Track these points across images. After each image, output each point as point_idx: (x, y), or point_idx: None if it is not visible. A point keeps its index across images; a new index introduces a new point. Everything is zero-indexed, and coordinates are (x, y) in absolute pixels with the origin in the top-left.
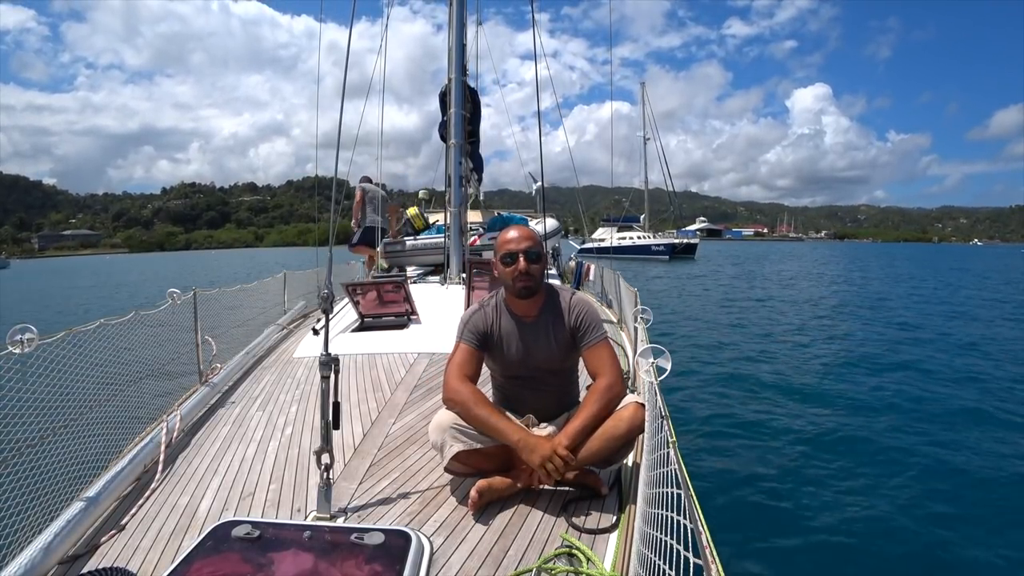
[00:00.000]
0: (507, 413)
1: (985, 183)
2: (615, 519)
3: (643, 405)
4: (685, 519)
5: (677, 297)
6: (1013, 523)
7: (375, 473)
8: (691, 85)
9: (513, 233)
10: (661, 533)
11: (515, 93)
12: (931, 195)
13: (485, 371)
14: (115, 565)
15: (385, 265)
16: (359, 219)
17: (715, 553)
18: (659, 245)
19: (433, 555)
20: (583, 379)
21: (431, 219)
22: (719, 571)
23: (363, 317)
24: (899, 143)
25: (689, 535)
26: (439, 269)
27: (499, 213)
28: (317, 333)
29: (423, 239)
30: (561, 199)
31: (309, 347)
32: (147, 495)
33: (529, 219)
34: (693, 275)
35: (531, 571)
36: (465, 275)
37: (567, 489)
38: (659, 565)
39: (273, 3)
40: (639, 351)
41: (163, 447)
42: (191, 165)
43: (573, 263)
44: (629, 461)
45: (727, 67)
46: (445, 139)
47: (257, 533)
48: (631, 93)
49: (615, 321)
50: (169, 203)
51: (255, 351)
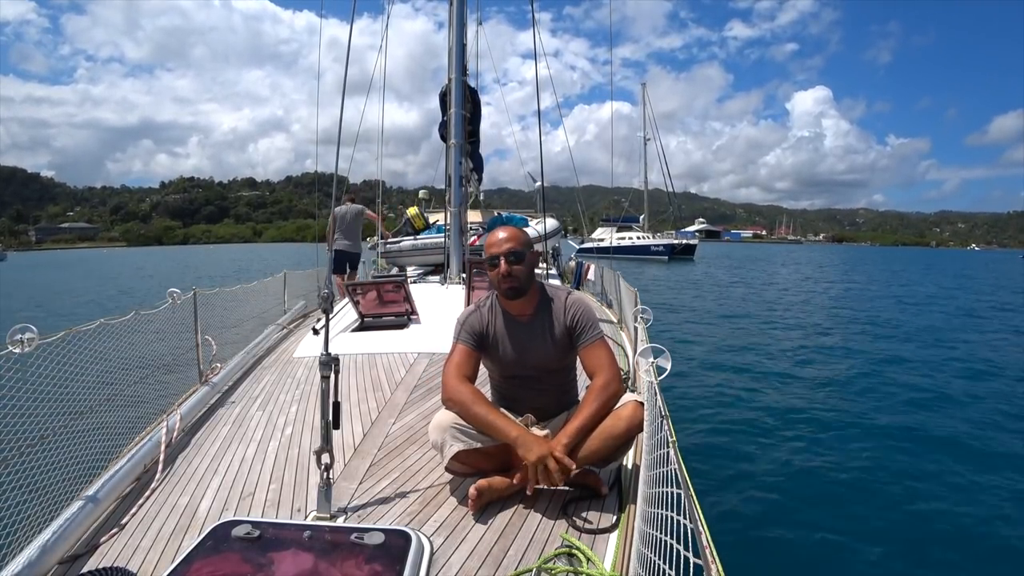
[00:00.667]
0: (506, 413)
1: (983, 188)
2: (615, 519)
3: (642, 404)
4: (685, 519)
5: (677, 297)
6: (1014, 520)
7: (375, 473)
8: (692, 86)
9: (497, 235)
10: (661, 533)
11: (516, 92)
12: (929, 200)
13: (483, 371)
14: (115, 565)
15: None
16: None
17: (715, 553)
18: (658, 246)
19: (433, 555)
20: (582, 377)
21: (431, 219)
22: (719, 571)
23: (363, 317)
24: (898, 147)
25: (689, 535)
26: (439, 269)
27: (499, 213)
28: (317, 333)
29: (423, 239)
30: (560, 199)
31: (309, 347)
32: (147, 495)
33: (529, 219)
34: (693, 276)
35: (531, 571)
36: (465, 275)
37: (567, 489)
38: (659, 565)
39: None
40: (639, 350)
41: (163, 447)
42: (190, 160)
43: (573, 263)
44: (629, 461)
45: (728, 69)
46: (445, 139)
47: (257, 533)
48: (632, 93)
49: (615, 321)
50: (167, 197)
51: (255, 351)
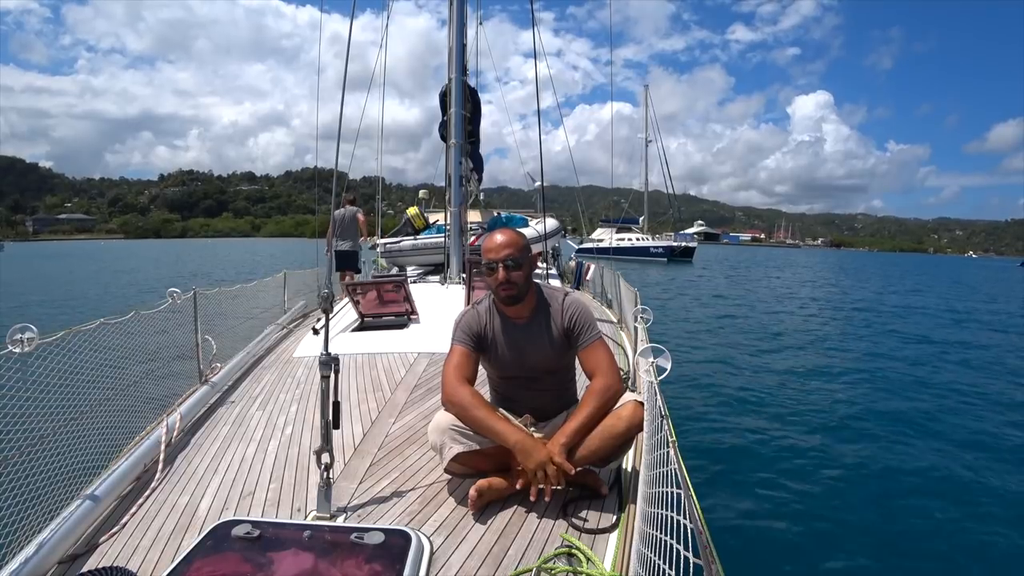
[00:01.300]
0: (505, 413)
1: (982, 196)
2: (615, 519)
3: (642, 404)
4: (685, 519)
5: (676, 299)
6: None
7: (375, 473)
8: (693, 88)
9: (494, 239)
10: (661, 533)
11: (516, 91)
12: (928, 206)
13: (482, 372)
14: (115, 565)
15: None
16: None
17: (715, 553)
18: (657, 247)
19: (433, 555)
20: (582, 377)
21: (431, 219)
22: (719, 571)
23: (363, 317)
24: (898, 153)
25: (689, 535)
26: (439, 269)
27: (499, 213)
28: (317, 333)
29: (423, 239)
30: (560, 198)
31: (309, 347)
32: (147, 494)
33: (529, 219)
34: (692, 278)
35: (531, 571)
36: (465, 275)
37: (567, 489)
38: (659, 565)
39: None
40: (639, 350)
41: (163, 446)
42: (189, 152)
43: (573, 263)
44: (629, 461)
45: (730, 72)
46: (445, 139)
47: (257, 533)
48: (633, 94)
49: (615, 321)
50: (166, 190)
51: (255, 351)
